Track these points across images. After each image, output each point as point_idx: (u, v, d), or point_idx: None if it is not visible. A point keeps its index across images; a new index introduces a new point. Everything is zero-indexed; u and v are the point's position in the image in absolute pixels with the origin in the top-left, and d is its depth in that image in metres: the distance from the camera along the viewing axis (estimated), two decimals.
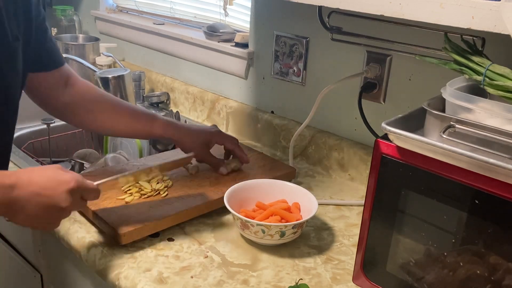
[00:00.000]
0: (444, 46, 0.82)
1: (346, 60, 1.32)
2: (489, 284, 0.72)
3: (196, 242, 1.02)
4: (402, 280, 0.83)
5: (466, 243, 0.75)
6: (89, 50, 1.96)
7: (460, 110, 0.74)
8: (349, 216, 1.16)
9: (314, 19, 1.25)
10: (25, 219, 0.82)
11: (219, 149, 1.29)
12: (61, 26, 2.16)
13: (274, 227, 0.97)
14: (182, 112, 1.78)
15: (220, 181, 1.18)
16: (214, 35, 1.66)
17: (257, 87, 1.57)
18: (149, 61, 1.97)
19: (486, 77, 0.75)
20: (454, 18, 0.71)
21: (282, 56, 1.46)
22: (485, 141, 0.69)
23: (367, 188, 0.84)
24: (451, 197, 0.74)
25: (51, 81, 1.11)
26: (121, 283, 0.91)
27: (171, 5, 1.94)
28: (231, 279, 0.92)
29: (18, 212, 0.81)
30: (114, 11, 2.16)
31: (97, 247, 0.99)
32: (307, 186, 1.27)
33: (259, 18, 1.52)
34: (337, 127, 1.38)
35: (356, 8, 0.83)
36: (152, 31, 1.89)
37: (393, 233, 0.83)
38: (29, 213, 0.81)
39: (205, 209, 1.09)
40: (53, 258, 1.25)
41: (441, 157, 0.72)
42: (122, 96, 1.64)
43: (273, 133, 1.50)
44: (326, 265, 0.98)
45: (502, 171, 0.66)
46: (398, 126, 0.76)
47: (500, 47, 0.92)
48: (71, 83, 1.15)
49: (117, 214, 1.02)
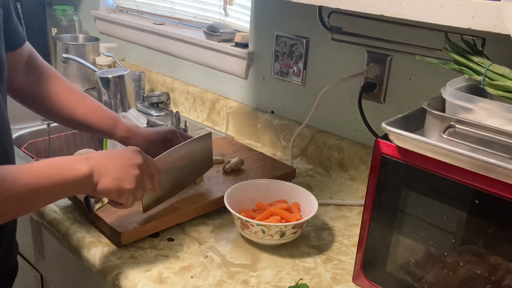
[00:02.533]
0: (444, 46, 0.82)
1: (346, 60, 1.32)
2: (489, 284, 0.72)
3: (196, 242, 1.02)
4: (402, 280, 0.83)
5: (466, 243, 0.75)
6: (89, 50, 1.97)
7: (460, 110, 0.74)
8: (349, 216, 1.16)
9: (314, 19, 1.25)
10: (110, 181, 0.85)
11: (219, 149, 1.29)
12: (61, 26, 2.16)
13: (274, 227, 0.97)
14: (182, 112, 1.78)
15: (220, 181, 1.18)
16: (214, 35, 1.66)
17: (257, 87, 1.57)
18: (149, 61, 1.97)
19: (486, 77, 0.75)
20: (454, 18, 0.71)
21: (282, 56, 1.46)
22: (485, 141, 0.69)
23: (367, 188, 0.84)
24: (451, 197, 0.74)
25: (13, 61, 1.03)
26: (121, 283, 0.91)
27: (171, 5, 1.94)
28: (231, 279, 0.92)
29: (102, 175, 0.85)
30: (114, 11, 2.16)
31: (97, 247, 0.99)
32: (307, 186, 1.27)
33: (259, 18, 1.52)
34: (337, 127, 1.38)
35: (356, 8, 0.83)
36: (152, 31, 1.89)
37: (393, 233, 0.83)
38: (111, 173, 0.86)
39: (205, 209, 1.09)
40: (53, 258, 1.25)
41: (441, 157, 0.72)
42: (122, 96, 1.64)
43: (273, 133, 1.50)
44: (326, 265, 0.98)
45: (502, 171, 0.66)
46: (398, 126, 0.76)
47: (500, 47, 0.92)
48: (34, 65, 1.09)
49: (117, 214, 1.02)
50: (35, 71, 1.09)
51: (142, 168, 0.90)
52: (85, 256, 0.99)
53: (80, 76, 1.96)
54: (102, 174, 0.85)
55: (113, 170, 0.86)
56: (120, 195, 0.87)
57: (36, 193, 0.78)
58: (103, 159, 0.87)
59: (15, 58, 1.04)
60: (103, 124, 1.12)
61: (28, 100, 1.11)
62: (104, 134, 1.15)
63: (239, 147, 1.39)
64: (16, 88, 1.08)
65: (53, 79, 1.10)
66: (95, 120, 1.11)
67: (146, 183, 0.91)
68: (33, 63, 1.09)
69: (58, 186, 0.80)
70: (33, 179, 0.78)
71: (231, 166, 1.23)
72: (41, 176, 0.79)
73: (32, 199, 0.79)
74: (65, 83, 1.12)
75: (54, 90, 1.09)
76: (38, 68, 1.09)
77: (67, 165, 0.82)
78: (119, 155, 0.89)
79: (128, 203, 0.90)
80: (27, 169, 0.79)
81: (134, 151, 0.92)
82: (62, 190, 0.82)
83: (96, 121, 1.11)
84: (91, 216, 1.04)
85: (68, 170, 0.82)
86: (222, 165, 1.25)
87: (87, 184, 0.84)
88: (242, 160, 1.25)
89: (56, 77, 1.11)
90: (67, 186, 0.82)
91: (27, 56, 1.08)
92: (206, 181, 1.18)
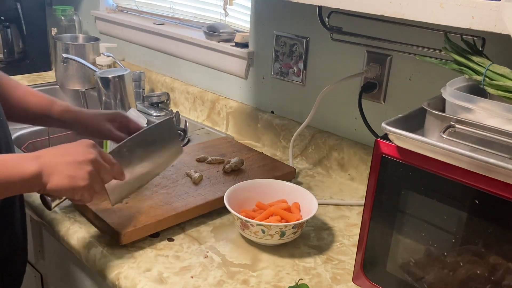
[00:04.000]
0: (444, 46, 0.82)
1: (346, 60, 1.32)
2: (489, 284, 0.72)
3: (196, 242, 1.02)
4: (402, 280, 0.83)
5: (466, 243, 0.75)
6: (89, 50, 1.96)
7: (460, 110, 0.74)
8: (349, 216, 1.16)
9: (314, 19, 1.25)
10: (61, 180, 0.83)
11: (220, 149, 1.29)
12: (61, 26, 2.16)
13: (274, 227, 0.97)
14: (182, 112, 1.78)
15: (220, 181, 1.18)
16: (214, 35, 1.66)
17: (257, 87, 1.57)
18: (149, 61, 1.97)
19: (486, 77, 0.75)
20: (454, 18, 0.71)
21: (282, 56, 1.46)
22: (485, 141, 0.69)
23: (367, 188, 0.84)
24: (451, 197, 0.74)
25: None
26: (121, 283, 0.91)
27: (171, 5, 1.94)
28: (231, 279, 0.92)
29: (52, 174, 0.83)
30: (114, 11, 2.16)
31: (97, 247, 0.99)
32: (307, 186, 1.27)
33: (259, 18, 1.52)
34: (337, 127, 1.38)
35: (356, 8, 0.83)
36: (152, 31, 1.89)
37: (393, 233, 0.83)
38: (62, 171, 0.83)
39: (205, 209, 1.09)
40: (53, 258, 1.25)
41: (441, 157, 0.72)
42: (122, 96, 1.64)
43: (273, 133, 1.50)
44: (326, 265, 0.98)
45: (502, 171, 0.66)
46: (398, 126, 0.76)
47: (500, 47, 0.92)
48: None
49: (117, 214, 1.02)
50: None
51: (95, 162, 0.87)
52: (85, 256, 0.99)
53: (80, 76, 1.96)
54: (52, 173, 0.83)
55: (64, 168, 0.84)
56: (74, 193, 0.85)
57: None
58: (54, 157, 0.84)
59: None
60: (39, 105, 1.08)
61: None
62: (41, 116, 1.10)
63: (239, 147, 1.39)
64: None
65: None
66: (30, 103, 1.08)
67: (103, 176, 0.89)
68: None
69: (4, 183, 0.79)
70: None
71: (231, 166, 1.23)
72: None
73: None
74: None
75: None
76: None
77: (16, 163, 0.81)
78: (71, 150, 0.87)
79: (85, 199, 0.88)
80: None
81: (87, 146, 0.89)
82: (8, 188, 0.81)
83: (31, 104, 1.08)
84: (90, 216, 1.04)
85: (16, 169, 0.80)
86: (222, 165, 1.25)
87: (34, 184, 0.82)
88: (242, 160, 1.25)
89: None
90: (14, 185, 0.80)
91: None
92: (206, 181, 1.18)
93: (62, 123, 1.10)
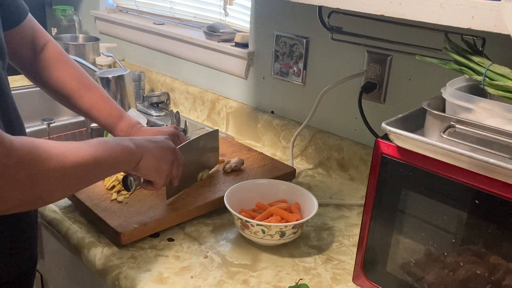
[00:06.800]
0: (444, 46, 0.82)
1: (346, 60, 1.32)
2: (489, 284, 0.72)
3: (196, 242, 1.02)
4: (402, 280, 0.83)
5: (466, 243, 0.75)
6: (89, 50, 1.97)
7: (460, 110, 0.74)
8: (349, 216, 1.16)
9: (314, 19, 1.25)
10: (150, 160, 0.91)
11: (220, 149, 1.29)
12: (61, 26, 2.17)
13: (274, 227, 0.97)
14: (182, 112, 1.78)
15: (220, 181, 1.18)
16: (214, 35, 1.66)
17: (257, 87, 1.57)
18: (149, 61, 1.97)
19: (486, 77, 0.75)
20: (454, 18, 0.71)
21: (282, 56, 1.46)
22: (485, 141, 0.69)
23: (367, 188, 0.84)
24: (451, 197, 0.74)
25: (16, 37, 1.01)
26: (121, 283, 0.91)
27: (171, 5, 1.94)
28: (231, 279, 0.92)
29: (144, 154, 0.90)
30: (114, 11, 2.16)
31: (97, 247, 0.99)
32: (307, 186, 1.27)
33: (259, 18, 1.52)
34: (337, 127, 1.38)
35: (356, 8, 0.83)
36: (152, 31, 1.89)
37: (393, 233, 0.83)
38: (151, 152, 0.92)
39: (205, 209, 1.09)
40: (53, 258, 1.25)
41: (441, 157, 0.72)
42: (122, 96, 1.64)
43: (273, 133, 1.50)
44: (326, 265, 0.98)
45: (502, 171, 0.66)
46: (398, 126, 0.76)
47: (500, 47, 0.92)
48: (40, 43, 1.07)
49: (117, 214, 1.02)
50: (42, 54, 1.07)
51: (175, 153, 0.97)
52: (85, 256, 0.99)
53: None
54: (144, 152, 0.90)
55: (154, 150, 0.92)
56: (158, 175, 0.93)
57: (97, 165, 0.79)
58: (144, 140, 0.93)
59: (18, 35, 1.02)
60: (106, 119, 1.11)
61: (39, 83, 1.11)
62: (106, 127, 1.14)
63: (239, 147, 1.39)
64: (24, 67, 1.08)
65: (61, 64, 1.09)
66: (97, 115, 1.11)
67: (177, 168, 0.98)
68: (37, 42, 1.07)
69: (114, 157, 0.84)
70: (93, 151, 0.79)
71: (231, 166, 1.23)
72: (98, 150, 0.80)
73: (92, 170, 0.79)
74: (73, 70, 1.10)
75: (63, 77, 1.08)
76: (45, 51, 1.07)
77: (118, 141, 0.87)
78: (156, 139, 0.96)
79: (160, 184, 0.96)
80: (84, 143, 0.80)
81: (168, 138, 0.99)
82: (116, 164, 0.85)
83: (98, 115, 1.11)
84: (90, 216, 1.04)
85: (119, 145, 0.86)
86: (222, 165, 1.25)
87: (133, 160, 0.88)
88: (242, 160, 1.25)
89: (64, 61, 1.10)
90: (119, 160, 0.85)
91: (30, 33, 1.05)
92: (206, 181, 1.18)
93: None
